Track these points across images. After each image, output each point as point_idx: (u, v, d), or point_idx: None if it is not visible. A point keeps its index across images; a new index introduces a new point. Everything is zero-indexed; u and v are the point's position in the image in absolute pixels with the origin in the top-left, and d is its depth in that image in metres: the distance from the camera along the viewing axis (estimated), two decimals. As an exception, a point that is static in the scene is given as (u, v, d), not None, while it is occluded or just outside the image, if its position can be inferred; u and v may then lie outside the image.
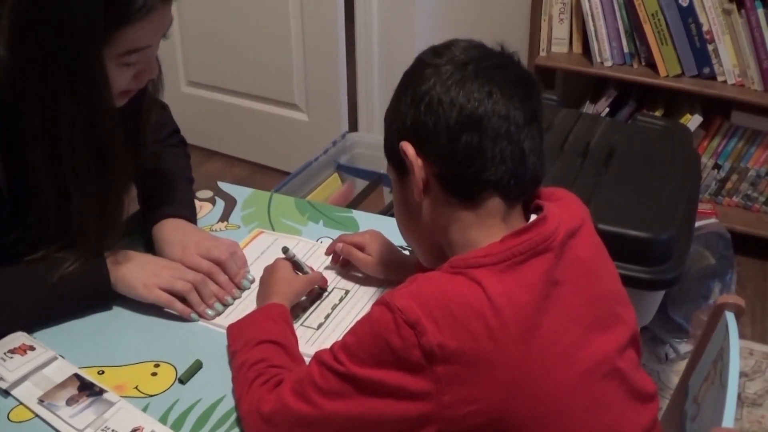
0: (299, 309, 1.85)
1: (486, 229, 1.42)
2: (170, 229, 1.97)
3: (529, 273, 1.34)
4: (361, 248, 1.93)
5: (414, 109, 1.42)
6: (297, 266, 1.87)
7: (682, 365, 1.94)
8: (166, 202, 2.03)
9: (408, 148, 1.42)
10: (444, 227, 1.45)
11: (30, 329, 1.75)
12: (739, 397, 3.05)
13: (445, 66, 1.41)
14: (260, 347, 1.60)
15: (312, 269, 1.91)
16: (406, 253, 1.95)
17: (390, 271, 1.91)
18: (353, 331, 1.38)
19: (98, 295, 1.82)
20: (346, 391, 1.35)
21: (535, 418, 1.30)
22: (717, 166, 3.78)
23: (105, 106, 1.68)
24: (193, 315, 1.82)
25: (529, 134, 1.42)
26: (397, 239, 1.80)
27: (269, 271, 1.84)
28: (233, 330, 1.71)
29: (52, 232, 1.78)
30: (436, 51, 1.47)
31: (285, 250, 1.86)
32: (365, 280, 1.95)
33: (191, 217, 2.05)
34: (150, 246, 1.98)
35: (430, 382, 1.27)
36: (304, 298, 1.86)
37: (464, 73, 1.40)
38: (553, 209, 1.42)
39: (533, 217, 1.45)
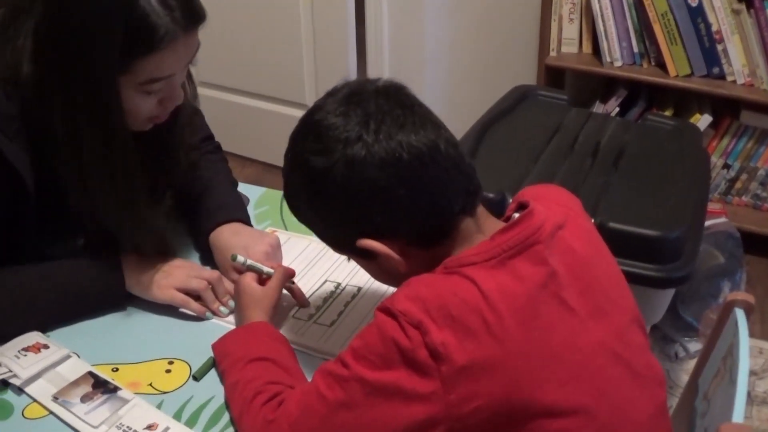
0: (312, 308, 1.86)
1: (469, 244, 1.43)
2: (230, 234, 1.95)
3: (521, 266, 1.35)
4: None
5: (346, 211, 1.43)
6: (254, 270, 1.82)
7: (692, 364, 1.95)
8: (218, 209, 2.01)
9: (371, 244, 1.42)
10: (434, 264, 1.43)
11: (44, 329, 1.76)
12: (748, 395, 3.03)
13: (341, 152, 1.38)
14: (252, 365, 1.58)
15: (277, 266, 1.85)
16: None
17: None
18: (360, 336, 1.38)
19: (113, 296, 1.83)
20: (353, 399, 1.34)
21: (538, 408, 1.31)
22: (726, 166, 3.78)
23: (119, 131, 1.67)
24: (208, 313, 1.83)
25: (445, 146, 1.42)
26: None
27: (237, 296, 1.80)
28: (218, 348, 1.69)
29: (83, 234, 1.82)
30: (316, 149, 1.41)
31: (233, 258, 1.83)
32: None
33: (247, 219, 2.04)
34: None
35: (437, 382, 1.28)
36: (285, 304, 1.86)
37: (366, 147, 1.37)
38: (538, 205, 1.44)
39: (516, 215, 1.47)
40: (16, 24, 1.64)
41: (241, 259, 1.81)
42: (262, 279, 1.81)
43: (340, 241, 1.52)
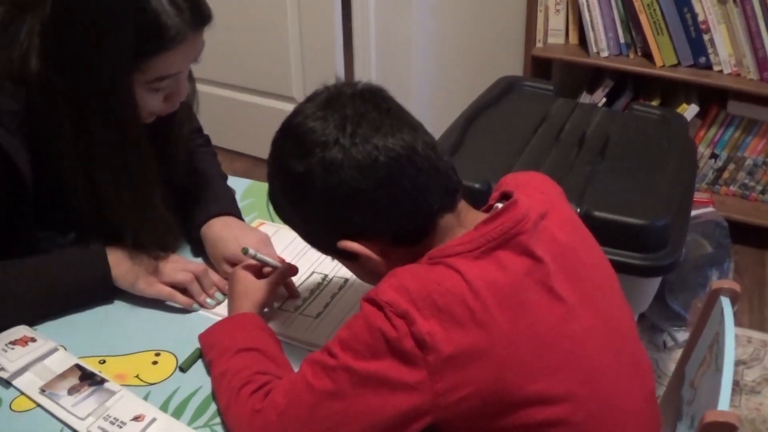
0: (299, 299, 1.87)
1: (451, 237, 1.44)
2: (222, 227, 1.96)
3: (505, 256, 1.36)
4: None
5: (325, 214, 1.45)
6: (263, 264, 1.83)
7: (680, 353, 1.95)
8: (211, 202, 2.02)
9: (351, 245, 1.45)
10: (415, 258, 1.44)
11: (32, 323, 1.76)
12: (737, 384, 3.07)
13: (318, 156, 1.40)
14: (240, 356, 1.58)
15: (282, 260, 1.88)
16: None
17: None
18: (347, 327, 1.39)
19: (100, 290, 1.83)
20: (340, 389, 1.35)
21: (526, 396, 1.32)
22: (714, 156, 3.79)
23: (133, 127, 1.69)
24: (195, 305, 1.84)
25: (420, 143, 1.43)
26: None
27: (230, 284, 1.81)
28: (205, 339, 1.69)
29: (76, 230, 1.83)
30: (295, 153, 1.44)
31: (245, 251, 1.81)
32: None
33: (238, 213, 2.05)
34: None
35: (423, 372, 1.29)
36: (277, 304, 1.86)
37: (343, 151, 1.39)
38: (521, 195, 1.44)
39: (498, 205, 1.47)
40: (19, 21, 1.65)
41: (252, 251, 1.80)
42: (263, 272, 1.82)
43: (322, 242, 1.55)
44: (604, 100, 3.78)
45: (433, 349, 1.28)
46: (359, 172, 1.38)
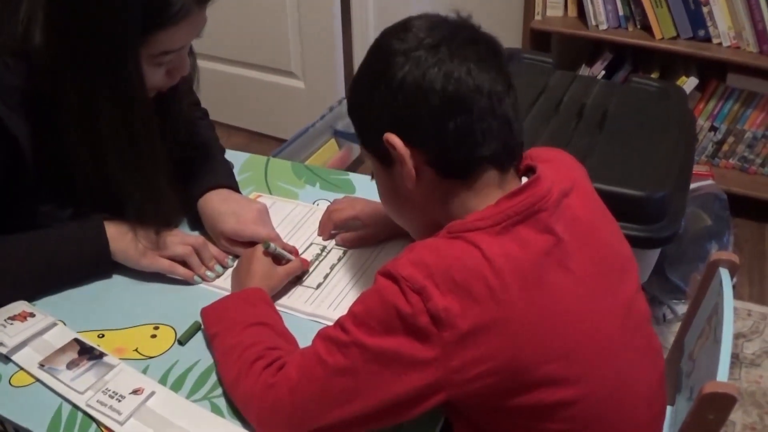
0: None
1: (484, 198, 1.41)
2: (220, 200, 1.95)
3: (526, 233, 1.34)
4: (356, 220, 1.94)
5: (392, 100, 1.40)
6: (279, 257, 1.82)
7: (679, 326, 1.95)
8: (208, 174, 2.02)
9: (395, 140, 1.41)
10: (441, 204, 1.44)
11: (31, 298, 1.76)
12: (737, 357, 3.08)
13: (416, 51, 1.39)
14: (251, 330, 1.57)
15: (296, 254, 1.88)
16: None
17: (391, 231, 1.91)
18: (360, 301, 1.37)
19: (98, 265, 1.83)
20: (353, 365, 1.33)
21: (540, 376, 1.31)
22: (713, 129, 3.79)
23: (140, 101, 1.69)
24: (195, 278, 1.84)
25: (510, 103, 1.42)
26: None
27: (247, 261, 1.80)
28: (209, 313, 1.67)
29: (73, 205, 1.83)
30: (399, 36, 1.43)
31: (266, 246, 1.79)
32: (362, 240, 1.97)
33: (235, 186, 2.04)
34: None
35: (437, 348, 1.27)
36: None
37: (438, 56, 1.37)
38: (546, 170, 1.43)
39: (524, 179, 1.45)
40: None
41: (272, 246, 1.79)
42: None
43: (373, 128, 1.47)
44: (603, 72, 3.77)
45: (449, 325, 1.26)
46: (446, 80, 1.36)
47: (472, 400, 1.33)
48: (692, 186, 3.14)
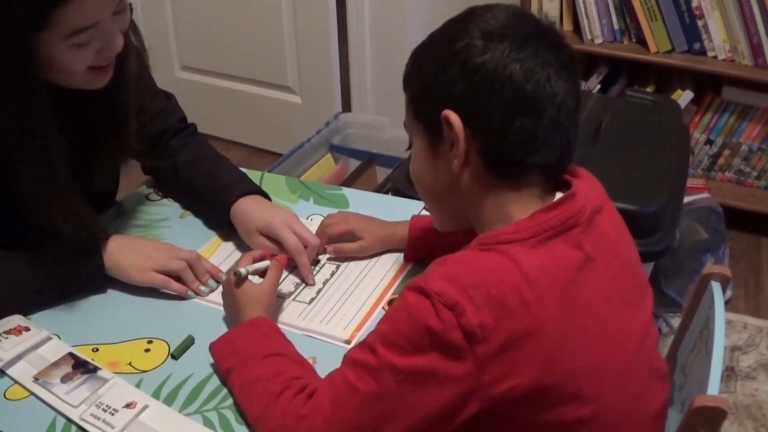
0: (291, 285, 1.87)
1: (524, 205, 1.39)
2: (252, 202, 1.96)
3: (560, 247, 1.33)
4: (350, 233, 1.94)
5: (464, 80, 1.36)
6: (256, 272, 1.78)
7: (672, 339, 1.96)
8: (232, 183, 2.01)
9: (454, 118, 1.36)
10: (478, 200, 1.42)
11: (25, 313, 1.77)
12: (733, 370, 3.08)
13: (501, 42, 1.35)
14: (270, 361, 1.54)
15: (270, 256, 1.84)
16: (389, 221, 1.97)
17: (384, 245, 1.93)
18: (387, 320, 1.35)
19: (93, 281, 1.83)
20: (386, 389, 1.31)
21: (573, 390, 1.31)
22: (709, 142, 3.79)
23: (35, 109, 1.61)
24: (190, 292, 1.84)
25: (575, 120, 1.41)
26: (379, 215, 1.90)
27: (230, 297, 1.73)
28: (219, 347, 1.63)
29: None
30: (487, 20, 1.39)
31: (238, 275, 1.73)
32: (356, 255, 1.97)
33: (263, 192, 2.03)
34: (140, 228, 2.03)
35: (470, 364, 1.26)
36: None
37: (523, 53, 1.34)
38: (581, 186, 1.42)
39: (558, 194, 1.43)
40: None
41: (244, 270, 1.74)
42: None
43: (434, 100, 1.41)
44: (599, 86, 3.78)
45: (483, 340, 1.24)
46: (525, 78, 1.33)
47: (497, 414, 1.31)
48: (688, 199, 3.15)
